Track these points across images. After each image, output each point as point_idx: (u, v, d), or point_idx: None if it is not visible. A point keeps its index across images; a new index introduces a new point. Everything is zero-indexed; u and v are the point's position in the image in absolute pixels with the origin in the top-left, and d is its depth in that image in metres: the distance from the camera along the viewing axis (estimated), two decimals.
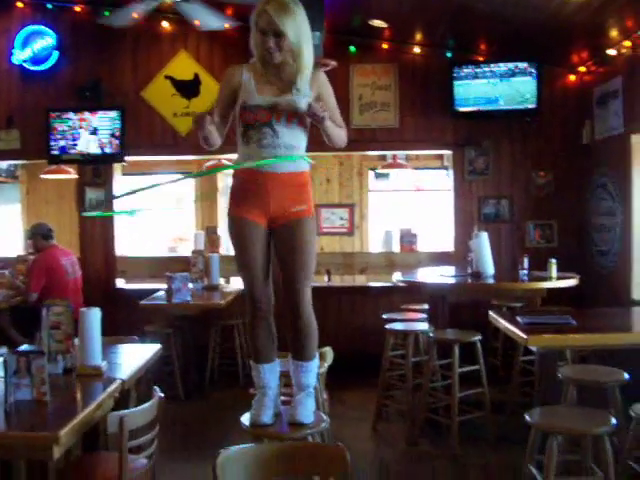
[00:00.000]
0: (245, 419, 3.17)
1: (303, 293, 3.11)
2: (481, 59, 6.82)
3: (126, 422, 2.92)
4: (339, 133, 3.20)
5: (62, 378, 3.39)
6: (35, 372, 3.02)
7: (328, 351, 3.97)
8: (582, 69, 6.68)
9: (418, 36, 6.84)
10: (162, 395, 3.21)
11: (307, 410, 3.14)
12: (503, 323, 3.92)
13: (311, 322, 3.16)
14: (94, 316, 3.54)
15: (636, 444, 3.26)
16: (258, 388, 3.24)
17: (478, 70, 6.68)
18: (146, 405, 3.11)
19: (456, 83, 6.71)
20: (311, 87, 3.12)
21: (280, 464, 2.44)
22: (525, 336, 3.48)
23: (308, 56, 3.09)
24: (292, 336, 3.19)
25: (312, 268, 3.14)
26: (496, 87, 6.65)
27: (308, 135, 3.21)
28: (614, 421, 3.01)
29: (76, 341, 3.56)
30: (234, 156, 3.36)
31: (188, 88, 7.16)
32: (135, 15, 5.55)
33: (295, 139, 3.12)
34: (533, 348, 3.60)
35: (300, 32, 3.02)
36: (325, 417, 3.23)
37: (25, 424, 2.83)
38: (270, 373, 3.24)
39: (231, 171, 3.50)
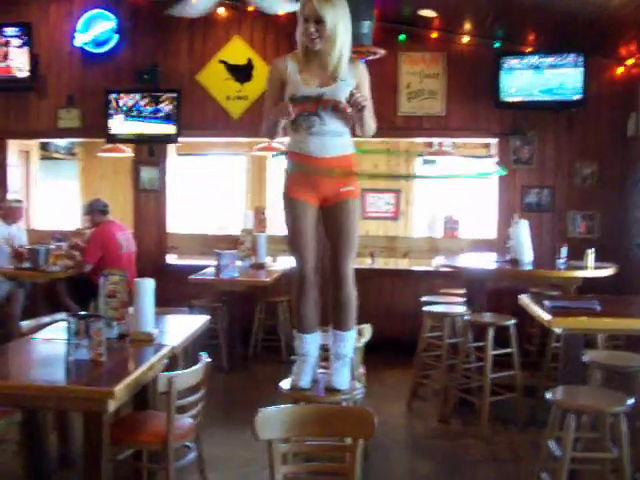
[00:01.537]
0: (284, 383, 3.42)
1: (347, 268, 3.39)
2: (528, 50, 6.89)
3: (175, 382, 3.19)
4: (371, 124, 3.41)
5: (117, 342, 3.65)
6: (93, 334, 3.29)
7: (367, 327, 4.16)
8: (629, 62, 6.71)
9: (467, 26, 6.94)
10: (209, 360, 3.48)
11: (343, 378, 3.37)
12: (531, 306, 4.09)
13: (352, 295, 3.43)
14: (148, 286, 3.81)
15: None
16: (299, 355, 3.50)
17: (525, 61, 6.75)
18: (194, 368, 3.38)
19: (503, 73, 6.79)
20: (352, 76, 3.34)
21: (314, 425, 2.65)
22: (549, 318, 3.65)
23: (344, 44, 3.29)
24: (333, 307, 3.45)
25: (356, 246, 3.44)
26: (542, 78, 6.71)
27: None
28: (631, 401, 3.17)
29: (130, 310, 3.83)
30: (283, 139, 3.58)
31: (241, 72, 7.39)
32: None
33: (341, 125, 3.35)
34: (557, 330, 3.75)
35: (338, 20, 3.23)
36: (359, 386, 3.45)
37: (83, 380, 3.11)
38: (311, 342, 3.49)
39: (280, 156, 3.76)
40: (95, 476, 3.03)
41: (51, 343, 3.69)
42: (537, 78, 6.73)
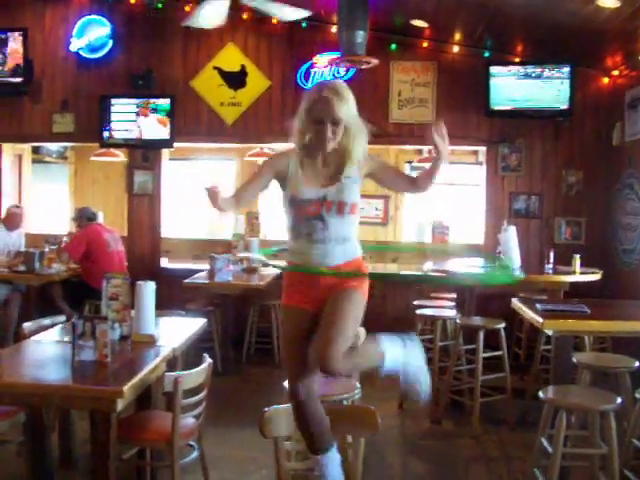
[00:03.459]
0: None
1: (336, 354, 2.77)
2: (517, 60, 7.06)
3: (180, 382, 3.29)
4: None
5: (119, 344, 3.73)
6: (99, 335, 3.38)
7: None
8: (615, 72, 6.88)
9: (457, 36, 7.09)
10: (211, 361, 3.57)
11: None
12: (523, 309, 4.23)
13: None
14: (149, 289, 3.90)
15: None
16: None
17: (514, 70, 6.92)
18: (198, 369, 3.48)
19: (492, 82, 6.95)
20: (360, 168, 2.97)
21: None
22: (541, 320, 3.79)
23: (364, 140, 2.95)
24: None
25: (350, 336, 2.88)
26: (531, 87, 6.88)
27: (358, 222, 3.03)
28: (619, 400, 3.30)
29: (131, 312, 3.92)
30: (275, 145, 3.59)
31: (235, 79, 7.51)
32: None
33: (346, 229, 2.95)
34: (548, 332, 3.89)
35: (355, 116, 2.91)
36: (358, 386, 3.56)
37: (90, 380, 3.19)
38: None
39: None
40: (103, 474, 3.11)
41: (55, 345, 3.77)
42: (525, 87, 6.88)
